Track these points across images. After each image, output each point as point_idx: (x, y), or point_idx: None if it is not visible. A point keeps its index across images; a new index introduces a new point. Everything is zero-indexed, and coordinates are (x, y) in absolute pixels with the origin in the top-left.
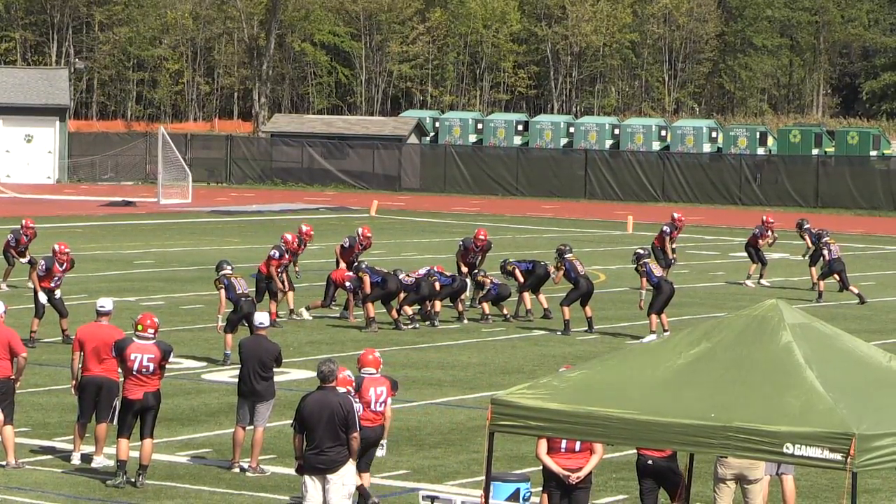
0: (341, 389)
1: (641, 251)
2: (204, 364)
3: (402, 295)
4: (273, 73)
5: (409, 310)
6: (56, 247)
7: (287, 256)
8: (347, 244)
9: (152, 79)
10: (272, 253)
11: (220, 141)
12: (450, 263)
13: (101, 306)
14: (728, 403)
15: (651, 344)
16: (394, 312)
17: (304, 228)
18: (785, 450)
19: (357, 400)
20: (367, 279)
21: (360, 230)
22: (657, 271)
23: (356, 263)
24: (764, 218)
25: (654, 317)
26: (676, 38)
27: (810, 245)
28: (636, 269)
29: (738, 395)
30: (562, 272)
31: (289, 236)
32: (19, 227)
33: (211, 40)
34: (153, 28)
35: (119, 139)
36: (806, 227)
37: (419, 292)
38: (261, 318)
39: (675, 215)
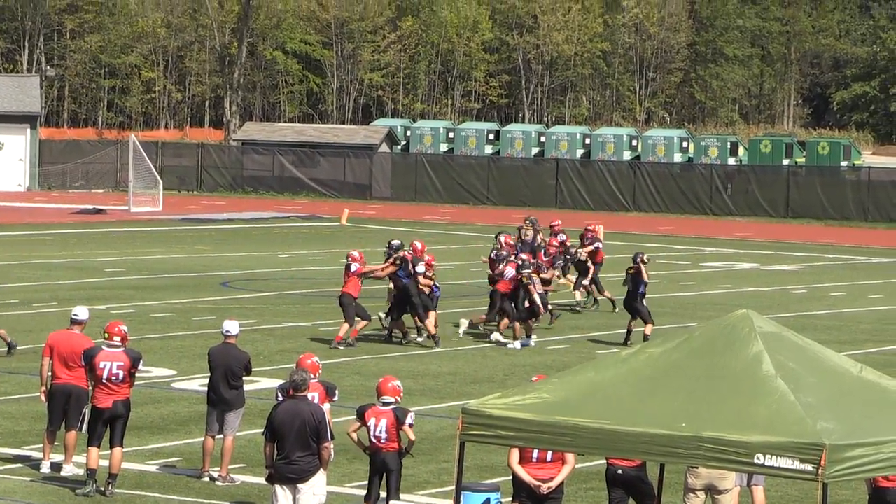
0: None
1: (521, 262)
2: (174, 372)
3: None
4: (244, 82)
5: (431, 325)
6: None
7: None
8: (494, 255)
9: (124, 86)
10: (419, 269)
11: (191, 149)
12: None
13: (75, 315)
14: (699, 413)
15: (622, 353)
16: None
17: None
18: (755, 460)
19: None
20: (389, 267)
21: (501, 238)
22: (539, 288)
23: (395, 247)
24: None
25: (518, 324)
26: (647, 47)
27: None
28: (521, 280)
29: (708, 405)
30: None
31: (418, 244)
32: None
33: (183, 48)
34: (125, 36)
35: (90, 147)
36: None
37: (411, 292)
38: (229, 326)
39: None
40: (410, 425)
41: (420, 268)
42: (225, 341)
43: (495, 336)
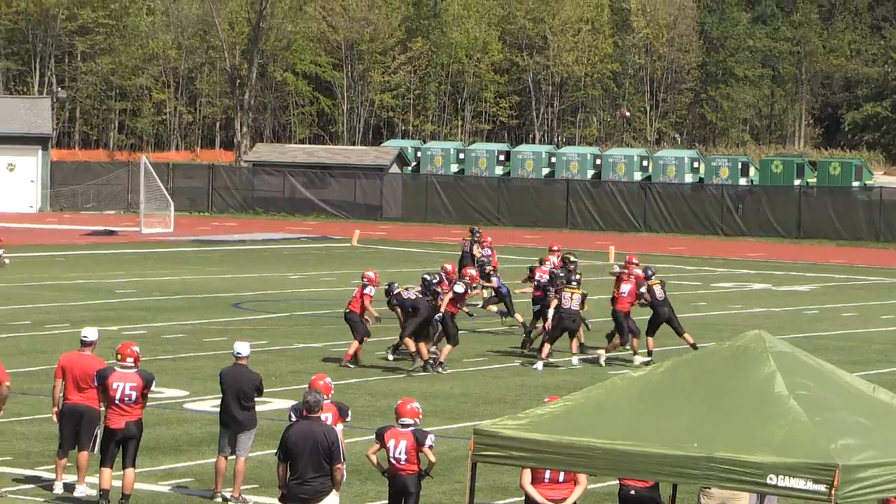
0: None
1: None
2: (186, 393)
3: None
4: (255, 103)
5: (411, 344)
6: None
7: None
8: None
9: (135, 108)
10: (458, 288)
11: (202, 170)
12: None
13: (84, 336)
14: (711, 433)
15: (634, 374)
16: (423, 346)
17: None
18: (768, 481)
19: None
20: (398, 312)
21: (553, 259)
22: (568, 303)
23: (389, 289)
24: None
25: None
26: (658, 68)
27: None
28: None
29: (721, 425)
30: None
31: (372, 273)
32: None
33: (193, 70)
34: (135, 58)
35: (101, 168)
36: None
37: (418, 314)
38: (240, 348)
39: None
40: (431, 447)
41: (459, 287)
42: (236, 363)
43: (637, 359)
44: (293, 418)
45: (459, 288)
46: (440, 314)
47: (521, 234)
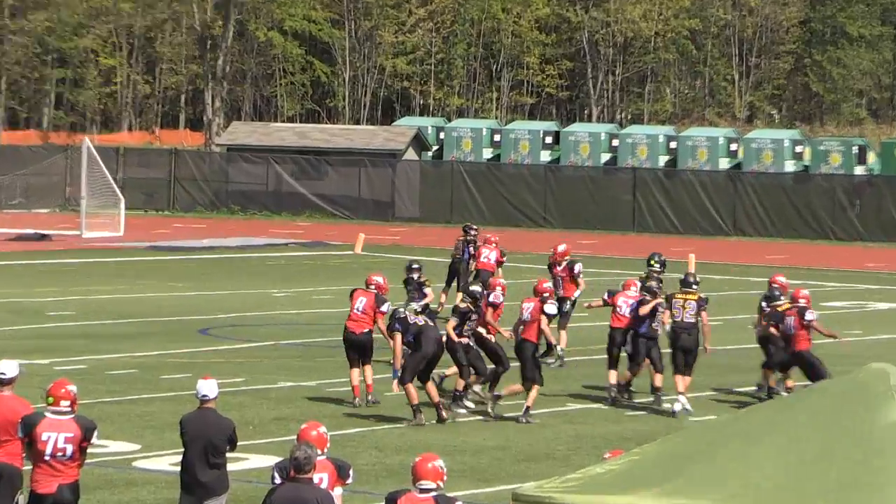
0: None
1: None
2: (137, 447)
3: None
4: (231, 70)
5: (413, 393)
6: None
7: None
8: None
9: (77, 77)
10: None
11: (161, 156)
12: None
13: (1, 373)
14: (817, 495)
15: (721, 420)
16: (430, 387)
17: None
18: None
19: None
20: (398, 340)
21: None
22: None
23: (394, 314)
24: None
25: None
26: (748, 25)
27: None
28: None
29: (830, 484)
30: None
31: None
32: None
33: (153, 29)
34: (78, 13)
35: (32, 154)
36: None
37: (420, 348)
38: (205, 388)
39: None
40: None
41: (551, 308)
42: (201, 406)
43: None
44: (277, 480)
45: (552, 308)
46: (553, 344)
47: (574, 238)
